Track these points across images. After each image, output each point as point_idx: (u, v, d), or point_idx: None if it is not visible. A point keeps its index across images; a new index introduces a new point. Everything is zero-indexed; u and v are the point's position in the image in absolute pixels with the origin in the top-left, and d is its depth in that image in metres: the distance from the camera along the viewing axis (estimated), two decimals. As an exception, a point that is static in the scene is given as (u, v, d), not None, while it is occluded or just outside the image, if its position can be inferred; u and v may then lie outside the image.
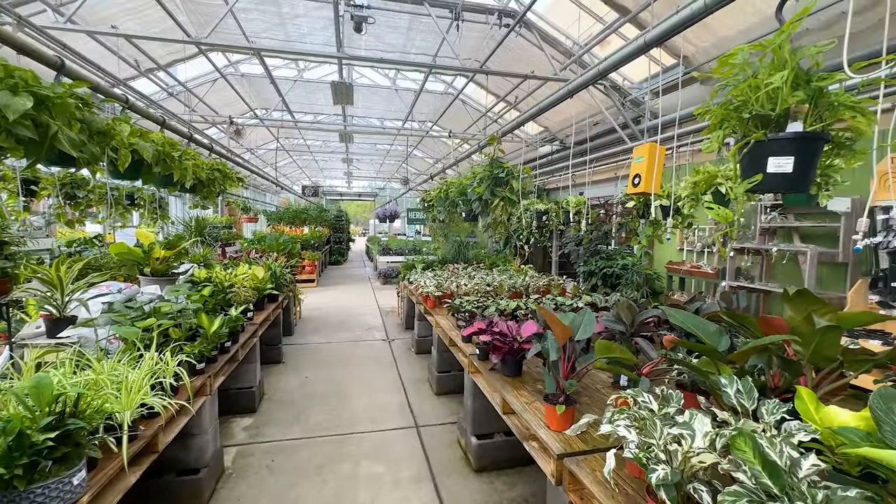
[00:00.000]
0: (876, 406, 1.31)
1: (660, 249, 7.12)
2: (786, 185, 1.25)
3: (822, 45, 1.14)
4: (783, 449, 1.27)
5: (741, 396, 1.63)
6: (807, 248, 4.35)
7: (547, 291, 5.09)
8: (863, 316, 1.83)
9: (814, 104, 1.15)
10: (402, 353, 6.04)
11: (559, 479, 1.89)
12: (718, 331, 1.99)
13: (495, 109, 9.93)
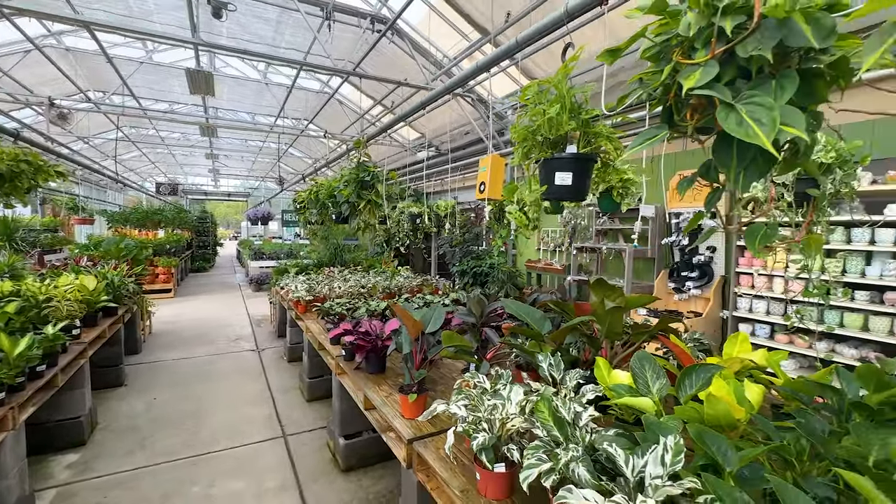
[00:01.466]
0: (634, 366, 1.72)
1: (522, 249, 7.93)
2: (569, 195, 1.58)
3: (585, 87, 1.48)
4: (571, 406, 1.59)
5: (552, 369, 1.96)
6: (625, 247, 5.28)
7: (419, 291, 5.32)
8: (641, 298, 2.34)
9: (583, 132, 1.49)
10: (273, 363, 5.73)
11: (409, 462, 2.04)
12: (543, 317, 2.36)
13: (373, 112, 9.99)
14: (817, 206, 2.14)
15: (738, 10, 0.94)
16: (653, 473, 1.16)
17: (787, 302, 3.79)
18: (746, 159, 1.05)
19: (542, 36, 2.20)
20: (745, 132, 0.87)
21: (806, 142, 0.96)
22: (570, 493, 1.18)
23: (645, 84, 1.09)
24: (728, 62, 0.99)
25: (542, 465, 1.32)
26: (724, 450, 1.18)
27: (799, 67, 0.93)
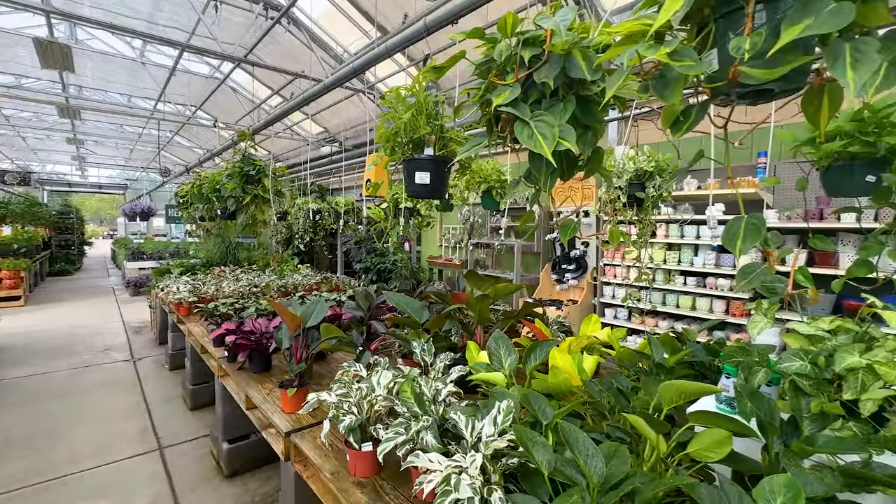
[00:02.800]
0: (491, 345, 1.94)
1: (425, 245, 8.15)
2: (428, 193, 1.74)
3: (439, 96, 1.66)
4: (433, 385, 1.75)
5: (425, 353, 2.12)
6: (515, 242, 5.74)
7: (317, 289, 5.23)
8: (507, 287, 2.61)
9: (439, 136, 1.66)
10: (153, 372, 5.23)
11: (287, 455, 2.06)
12: (422, 307, 2.52)
13: (271, 103, 9.49)
14: (643, 206, 2.57)
15: (535, 44, 1.14)
16: (487, 433, 1.35)
17: (627, 287, 4.44)
18: (552, 165, 1.28)
19: (406, 46, 2.35)
20: (533, 143, 1.07)
21: (582, 151, 1.20)
22: (417, 458, 1.32)
23: (471, 98, 1.26)
24: (532, 86, 1.20)
25: (398, 437, 1.46)
26: (543, 408, 1.42)
27: (577, 93, 1.17)
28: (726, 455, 1.26)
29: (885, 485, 1.10)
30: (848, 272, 1.81)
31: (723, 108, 1.04)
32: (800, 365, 1.33)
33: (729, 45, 0.76)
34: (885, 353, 1.27)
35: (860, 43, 0.74)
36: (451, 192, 3.72)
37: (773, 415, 1.29)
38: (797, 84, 0.87)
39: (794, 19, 0.74)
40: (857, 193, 1.85)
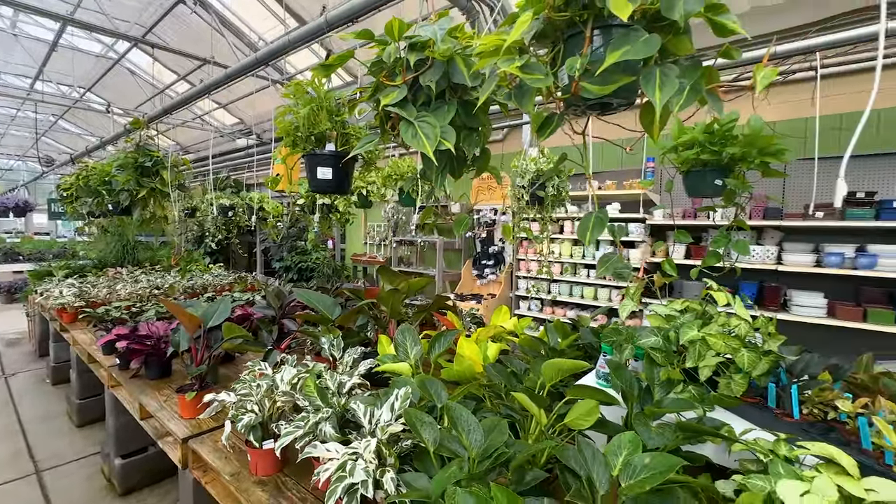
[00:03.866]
0: (398, 337, 2.00)
1: (350, 243, 8.02)
2: (331, 188, 1.76)
3: (341, 93, 1.68)
4: (337, 378, 1.77)
5: (333, 349, 2.13)
6: (437, 239, 5.87)
7: (230, 289, 4.94)
8: (420, 282, 2.69)
9: (340, 132, 1.69)
10: (32, 388, 4.61)
11: (185, 462, 1.96)
12: (334, 303, 2.52)
13: (178, 89, 8.73)
14: (544, 204, 2.78)
15: (420, 49, 1.22)
16: (384, 419, 1.41)
17: (533, 280, 4.76)
18: (442, 163, 1.36)
19: (311, 40, 2.34)
20: (416, 142, 1.14)
21: (463, 152, 1.30)
22: (315, 448, 1.35)
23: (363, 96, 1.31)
24: (421, 88, 1.27)
25: (298, 431, 1.46)
26: (439, 392, 1.51)
27: (461, 97, 1.26)
28: (595, 422, 1.43)
29: (711, 435, 1.34)
30: (703, 262, 2.13)
31: (611, 115, 1.19)
32: (654, 340, 1.56)
33: (566, 66, 0.89)
34: (717, 328, 1.53)
35: (667, 68, 0.90)
36: (368, 188, 3.73)
37: (632, 385, 1.50)
38: (629, 100, 1.03)
39: (617, 45, 0.88)
40: (710, 194, 2.16)
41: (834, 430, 1.37)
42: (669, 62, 0.93)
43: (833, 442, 1.28)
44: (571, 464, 1.17)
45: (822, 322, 3.27)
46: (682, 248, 3.86)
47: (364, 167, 2.11)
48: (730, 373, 1.47)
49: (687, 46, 0.97)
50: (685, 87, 0.92)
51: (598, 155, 4.78)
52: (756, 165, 1.99)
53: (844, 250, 3.22)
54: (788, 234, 3.65)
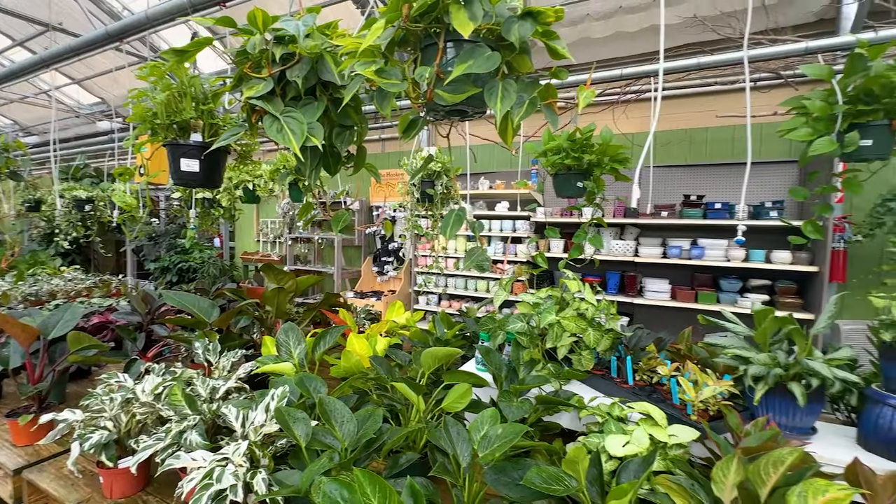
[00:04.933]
0: (280, 336, 1.95)
1: (240, 241, 7.45)
2: (198, 181, 1.65)
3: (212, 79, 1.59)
4: (210, 383, 1.67)
5: (208, 353, 1.99)
6: (336, 236, 5.73)
7: (88, 294, 4.29)
8: (310, 279, 2.63)
9: (208, 122, 1.59)
10: None
11: (19, 497, 1.69)
12: (212, 305, 2.35)
13: (13, 57, 7.28)
14: (434, 201, 2.89)
15: (286, 43, 1.20)
16: (259, 420, 1.37)
17: (424, 274, 4.94)
18: (315, 160, 1.36)
19: (170, 19, 2.15)
20: (282, 138, 1.13)
21: (322, 149, 1.32)
22: (178, 459, 1.26)
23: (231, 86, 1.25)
24: (291, 83, 1.25)
25: (159, 444, 1.36)
26: (318, 387, 1.51)
27: (332, 95, 1.27)
28: (469, 403, 1.55)
29: (563, 405, 1.53)
30: (569, 254, 2.40)
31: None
32: (520, 326, 1.73)
33: (416, 74, 0.96)
34: (571, 312, 1.75)
35: (507, 83, 1.02)
36: (255, 183, 3.52)
37: (501, 367, 1.66)
38: (482, 109, 1.14)
39: (463, 59, 0.97)
40: (574, 195, 2.43)
41: (656, 391, 1.66)
42: (512, 78, 1.06)
43: (653, 401, 1.55)
44: (441, 443, 1.27)
45: (667, 304, 3.89)
46: (560, 243, 4.30)
47: (239, 160, 2.00)
48: (580, 350, 1.70)
49: (527, 65, 1.10)
50: (525, 100, 1.05)
51: (490, 156, 5.07)
52: (608, 170, 2.30)
53: (682, 244, 3.87)
54: (643, 230, 4.26)
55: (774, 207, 3.56)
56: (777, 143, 3.79)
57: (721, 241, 3.72)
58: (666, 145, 4.30)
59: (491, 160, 5.03)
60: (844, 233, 3.34)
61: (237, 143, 1.79)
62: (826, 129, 1.74)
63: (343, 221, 1.52)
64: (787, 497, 0.95)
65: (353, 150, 1.55)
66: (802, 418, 1.42)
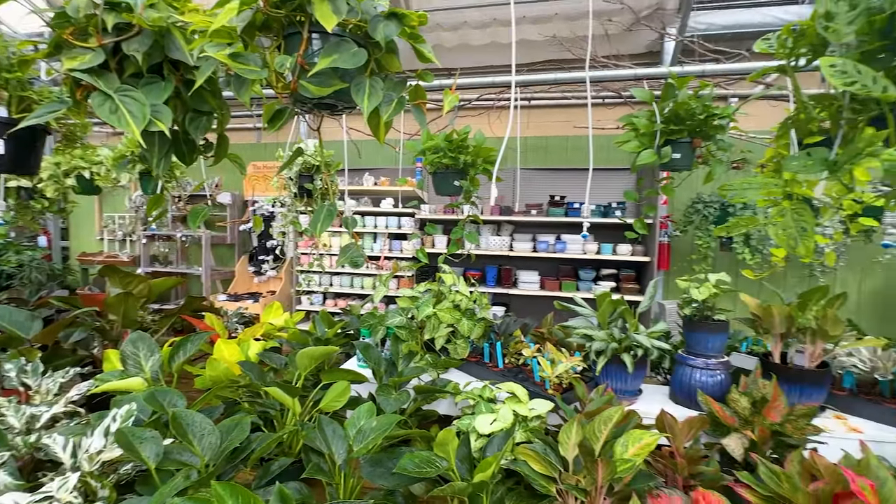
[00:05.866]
0: (126, 348, 1.69)
1: (77, 239, 6.25)
2: (3, 166, 1.35)
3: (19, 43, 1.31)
4: (27, 412, 1.38)
5: (25, 375, 1.64)
6: (202, 234, 5.15)
7: None
8: (166, 282, 2.34)
9: (17, 94, 1.31)
10: None
11: None
12: (30, 316, 1.93)
13: None
14: (313, 197, 2.78)
15: (122, 11, 1.04)
16: (96, 447, 1.18)
17: (303, 273, 4.79)
18: (163, 147, 1.21)
19: None
20: (117, 120, 0.99)
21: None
22: (-23, 508, 1.03)
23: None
24: (129, 57, 1.09)
25: (-53, 492, 1.09)
26: (173, 401, 1.35)
27: (183, 76, 1.15)
28: (347, 401, 1.54)
29: (439, 392, 1.61)
30: (448, 249, 2.51)
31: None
32: (399, 320, 1.77)
33: (275, 62, 0.93)
34: (448, 304, 1.85)
35: (375, 81, 1.04)
36: (92, 170, 2.99)
37: (380, 361, 1.68)
38: (352, 104, 1.14)
39: (328, 53, 0.96)
40: (453, 193, 2.55)
41: (522, 371, 1.84)
42: (380, 76, 1.07)
43: (519, 380, 1.72)
44: (316, 444, 1.24)
45: (537, 293, 4.31)
46: (444, 239, 4.47)
47: (66, 144, 1.66)
48: (455, 339, 1.81)
49: (395, 64, 1.13)
50: (393, 98, 1.08)
51: (375, 152, 5.03)
52: (482, 171, 2.46)
53: (549, 239, 4.32)
54: (517, 227, 4.66)
55: (618, 207, 4.19)
56: (621, 152, 4.46)
57: (578, 236, 4.25)
58: (534, 150, 4.75)
59: (376, 156, 4.99)
60: (667, 229, 4.09)
61: (61, 122, 1.49)
62: (649, 144, 2.09)
63: (202, 216, 1.39)
64: (614, 447, 1.15)
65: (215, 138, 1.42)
66: (631, 382, 1.71)
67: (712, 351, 1.64)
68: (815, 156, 0.87)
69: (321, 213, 1.16)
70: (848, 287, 4.09)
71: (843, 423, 1.53)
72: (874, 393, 1.65)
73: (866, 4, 0.79)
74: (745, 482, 1.08)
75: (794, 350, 1.65)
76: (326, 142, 2.82)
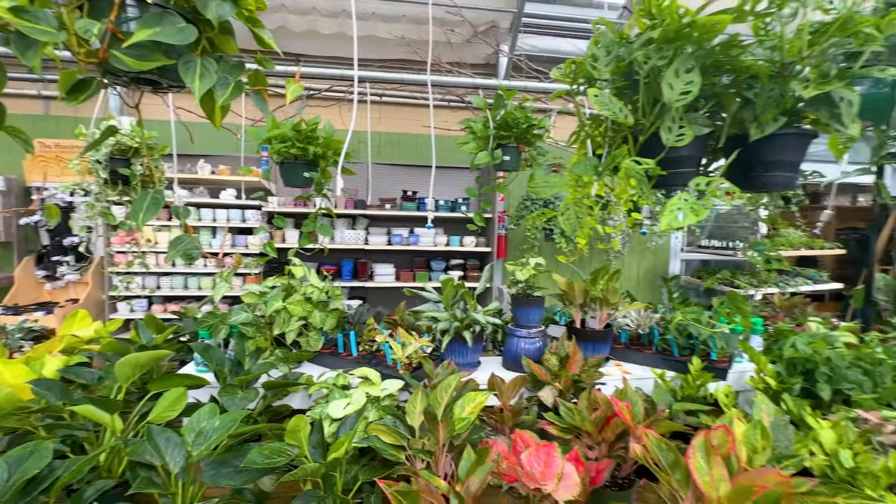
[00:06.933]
0: None
1: None
2: None
3: None
4: None
5: None
6: (-43, 229, 3.91)
7: None
8: None
9: None
10: None
11: None
12: None
13: None
14: (131, 184, 2.39)
15: None
16: None
17: (123, 275, 4.15)
18: None
19: None
20: None
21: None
22: None
23: None
24: None
25: None
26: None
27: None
28: (184, 409, 1.40)
29: (290, 385, 1.59)
30: (299, 244, 2.44)
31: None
32: (245, 317, 1.68)
33: (77, 24, 0.81)
34: (299, 297, 1.82)
35: (208, 62, 0.98)
36: None
37: (223, 362, 1.57)
38: (180, 83, 1.05)
39: (148, 24, 0.88)
40: (302, 184, 2.47)
41: (375, 357, 1.93)
42: (214, 57, 1.02)
43: (372, 365, 1.80)
44: (146, 458, 1.12)
45: (393, 285, 4.46)
46: (296, 233, 4.27)
47: None
48: (308, 332, 1.79)
49: (232, 46, 1.09)
50: (229, 82, 1.04)
51: (212, 136, 4.50)
52: (333, 163, 2.45)
53: (403, 232, 4.50)
54: (372, 221, 4.72)
55: (464, 203, 4.60)
56: (466, 152, 4.89)
57: (430, 230, 4.53)
58: (388, 146, 4.87)
59: (213, 141, 4.46)
60: (504, 223, 4.66)
61: None
62: (485, 146, 2.37)
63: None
64: (453, 410, 1.31)
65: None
66: (471, 356, 1.95)
67: (533, 322, 1.98)
68: (588, 163, 1.15)
69: (144, 202, 1.04)
70: (632, 267, 5.25)
71: (619, 368, 2.01)
72: (640, 344, 2.20)
73: (616, 53, 1.08)
74: (550, 420, 1.37)
75: (589, 316, 2.09)
76: (149, 121, 2.50)
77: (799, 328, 2.44)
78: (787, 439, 1.18)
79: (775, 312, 3.00)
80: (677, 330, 2.06)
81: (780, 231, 4.40)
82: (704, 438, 0.97)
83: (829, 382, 1.75)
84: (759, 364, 1.78)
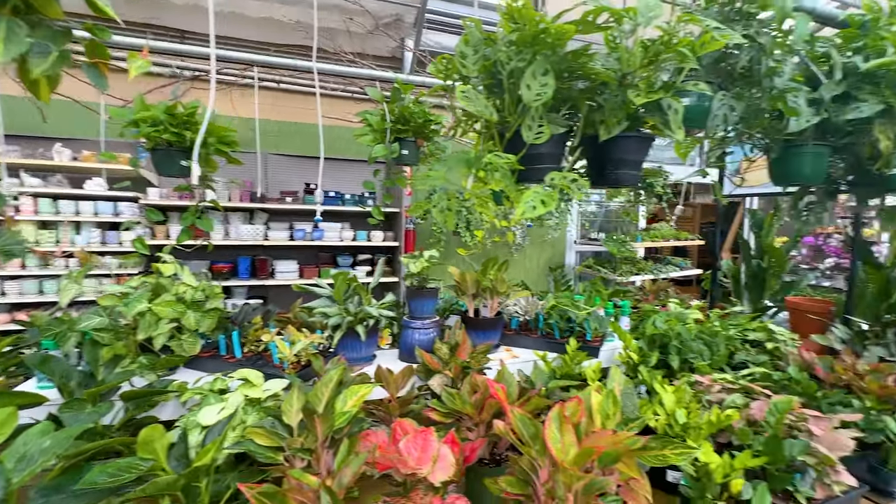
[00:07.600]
0: None
1: None
2: None
3: None
4: None
5: None
6: None
7: None
8: None
9: None
10: None
11: None
12: None
13: None
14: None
15: None
16: None
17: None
18: None
19: None
20: None
21: None
22: None
23: None
24: None
25: None
26: None
27: None
28: (14, 431, 1.20)
29: (156, 395, 1.44)
30: (177, 240, 2.21)
31: None
32: (99, 321, 1.49)
33: None
34: (169, 297, 1.65)
35: (17, 24, 0.84)
36: None
37: (70, 374, 1.37)
38: None
39: (-77, -29, 0.73)
40: (178, 173, 2.23)
41: (262, 357, 1.82)
42: (24, 18, 0.88)
43: (259, 367, 1.70)
44: (-51, 493, 0.94)
45: (296, 282, 4.26)
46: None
47: None
48: (181, 335, 1.64)
49: (55, 10, 0.94)
50: (50, 51, 0.90)
51: (70, 116, 3.89)
52: (215, 151, 2.26)
53: (306, 227, 4.31)
54: (272, 215, 4.45)
55: (371, 197, 4.53)
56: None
57: (336, 224, 4.39)
58: (288, 136, 4.61)
59: (71, 123, 3.85)
60: (412, 217, 4.68)
61: None
62: (382, 139, 2.35)
63: None
64: (335, 405, 1.29)
65: None
66: (365, 350, 1.93)
67: (427, 313, 2.02)
68: (462, 157, 1.20)
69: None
70: (532, 259, 5.60)
71: (509, 353, 2.14)
72: (528, 329, 2.36)
73: (483, 52, 1.14)
74: (433, 406, 1.41)
75: (482, 305, 2.19)
76: None
77: (663, 309, 2.80)
78: (634, 405, 1.35)
79: (646, 296, 3.40)
80: (559, 314, 2.24)
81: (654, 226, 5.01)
82: (559, 410, 1.07)
83: (679, 353, 2.03)
84: (625, 341, 2.00)
